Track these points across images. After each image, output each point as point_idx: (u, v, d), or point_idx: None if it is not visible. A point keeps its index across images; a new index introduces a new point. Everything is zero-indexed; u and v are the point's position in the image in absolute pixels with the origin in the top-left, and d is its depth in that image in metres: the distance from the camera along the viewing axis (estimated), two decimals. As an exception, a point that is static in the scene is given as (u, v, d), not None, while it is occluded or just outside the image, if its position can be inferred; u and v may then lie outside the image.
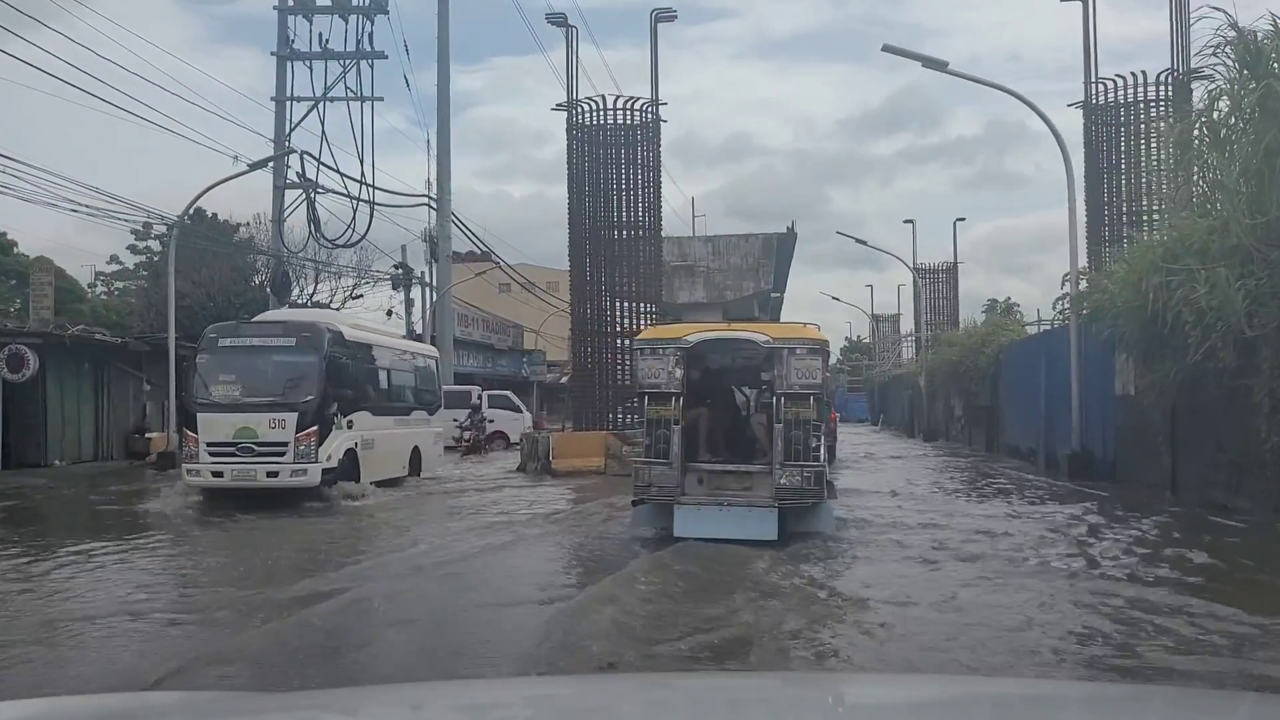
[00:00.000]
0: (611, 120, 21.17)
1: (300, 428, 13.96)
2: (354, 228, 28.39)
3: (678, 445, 10.16)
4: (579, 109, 21.26)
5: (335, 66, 28.93)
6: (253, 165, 23.84)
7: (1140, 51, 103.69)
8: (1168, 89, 19.23)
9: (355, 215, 28.23)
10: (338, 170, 28.79)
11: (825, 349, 10.60)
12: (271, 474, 13.93)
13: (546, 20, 22.69)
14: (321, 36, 28.79)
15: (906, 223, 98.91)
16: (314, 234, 29.14)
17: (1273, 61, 10.41)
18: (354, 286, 36.89)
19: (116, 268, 46.26)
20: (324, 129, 28.83)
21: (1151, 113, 19.50)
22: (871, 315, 60.22)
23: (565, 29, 21.75)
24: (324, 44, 28.85)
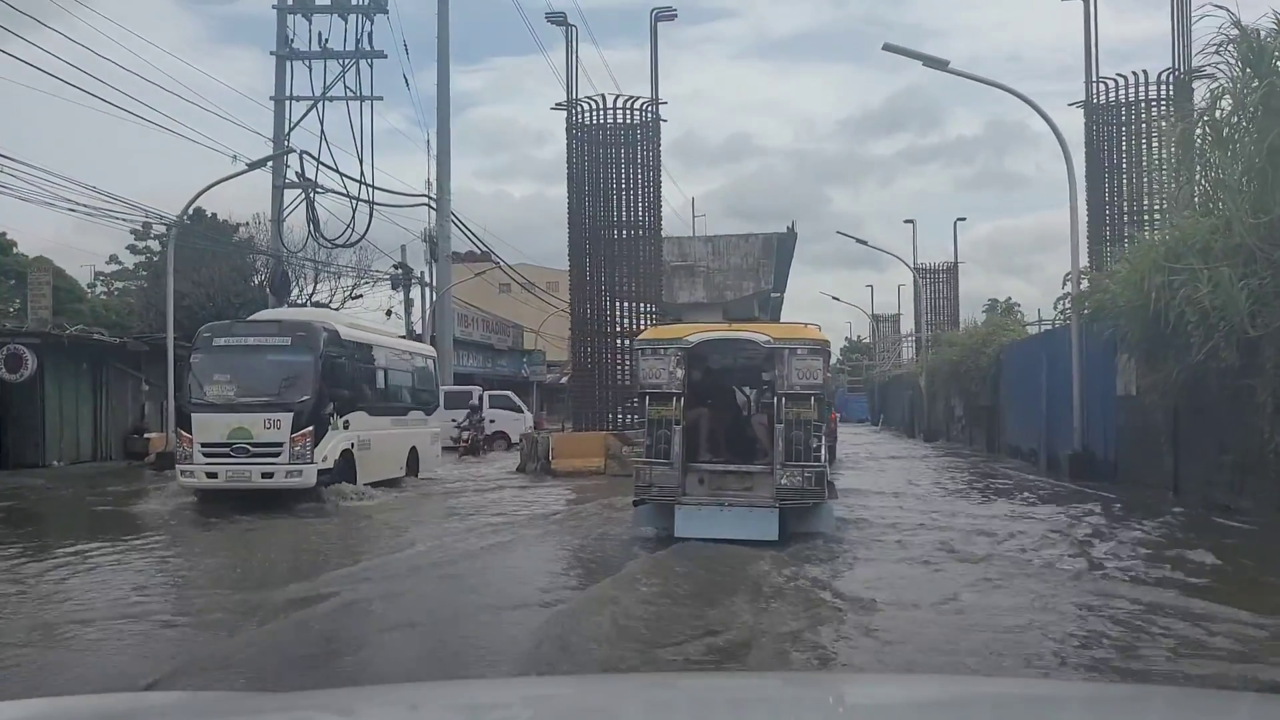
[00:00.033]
0: (611, 120, 21.13)
1: (295, 428, 13.83)
2: (353, 227, 28.38)
3: (679, 445, 10.15)
4: (579, 108, 21.22)
5: (335, 66, 28.89)
6: (252, 165, 23.77)
7: (1140, 52, 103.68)
8: (1169, 88, 19.21)
9: (355, 215, 28.21)
10: (337, 170, 28.72)
11: (826, 349, 10.58)
12: (266, 475, 13.80)
13: (546, 19, 22.69)
14: (321, 36, 28.80)
15: (906, 223, 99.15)
16: (313, 234, 29.12)
17: (1276, 60, 10.38)
18: (353, 286, 36.83)
19: (116, 268, 46.27)
20: (323, 129, 28.83)
21: (1153, 112, 19.46)
22: (871, 315, 60.30)
23: (565, 28, 21.74)
24: (323, 43, 28.83)
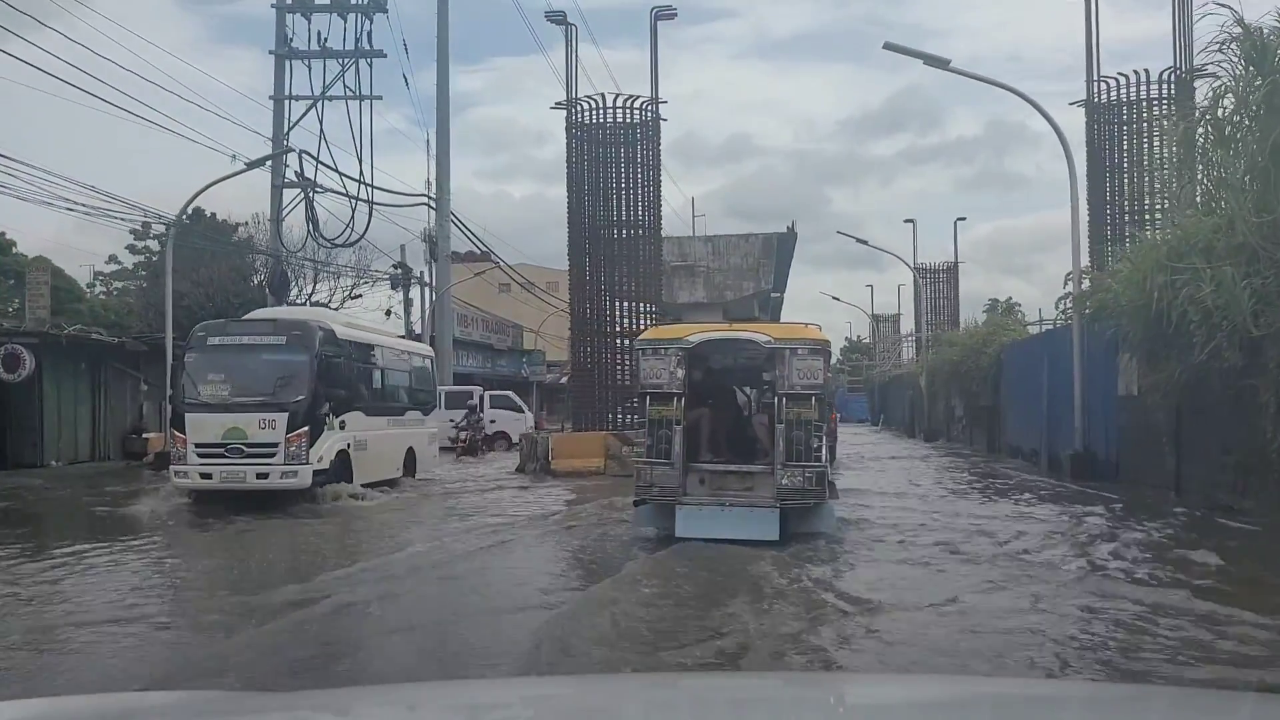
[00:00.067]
0: (611, 119, 21.08)
1: (291, 428, 13.71)
2: (353, 227, 28.39)
3: (679, 445, 10.13)
4: (579, 108, 21.18)
5: (334, 65, 28.93)
6: (251, 164, 23.70)
7: (1140, 52, 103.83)
8: (1171, 87, 19.18)
9: (354, 215, 28.21)
10: (336, 169, 28.72)
11: (827, 349, 10.57)
12: (261, 476, 13.68)
13: (546, 19, 22.63)
14: (320, 35, 28.83)
15: (907, 223, 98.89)
16: (312, 233, 29.10)
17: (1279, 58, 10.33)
18: (353, 286, 36.82)
19: (115, 268, 46.19)
20: (322, 128, 28.90)
21: (1154, 111, 19.43)
22: (872, 315, 60.33)
23: (565, 28, 21.71)
24: (323, 43, 28.85)
